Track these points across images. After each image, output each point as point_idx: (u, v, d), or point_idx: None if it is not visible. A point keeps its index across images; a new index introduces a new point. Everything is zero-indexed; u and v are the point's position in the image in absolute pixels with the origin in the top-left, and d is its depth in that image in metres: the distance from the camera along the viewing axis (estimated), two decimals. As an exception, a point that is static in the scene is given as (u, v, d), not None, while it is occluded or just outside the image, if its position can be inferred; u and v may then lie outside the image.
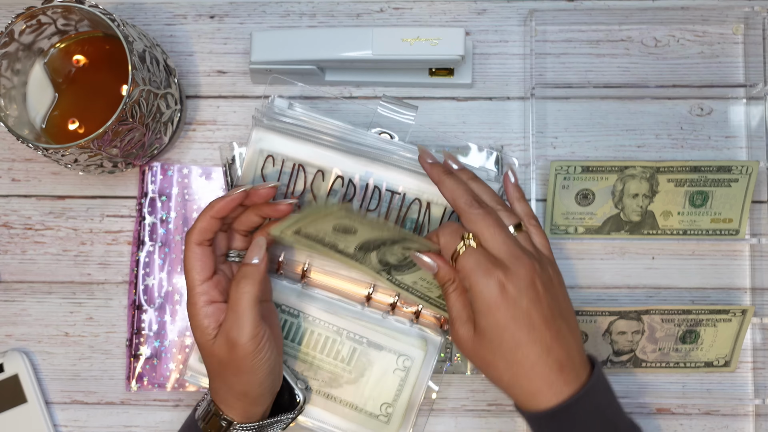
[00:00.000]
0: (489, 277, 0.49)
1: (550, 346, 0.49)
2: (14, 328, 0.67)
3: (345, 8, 0.68)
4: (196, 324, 0.53)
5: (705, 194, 0.65)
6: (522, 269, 0.50)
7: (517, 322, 0.49)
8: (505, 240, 0.51)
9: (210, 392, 0.56)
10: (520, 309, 0.49)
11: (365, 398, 0.62)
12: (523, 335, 0.49)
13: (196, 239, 0.53)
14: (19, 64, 0.60)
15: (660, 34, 0.68)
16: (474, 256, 0.50)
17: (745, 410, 0.66)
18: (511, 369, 0.50)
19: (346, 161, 0.61)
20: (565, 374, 0.49)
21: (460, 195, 0.53)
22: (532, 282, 0.50)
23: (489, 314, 0.49)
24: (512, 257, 0.50)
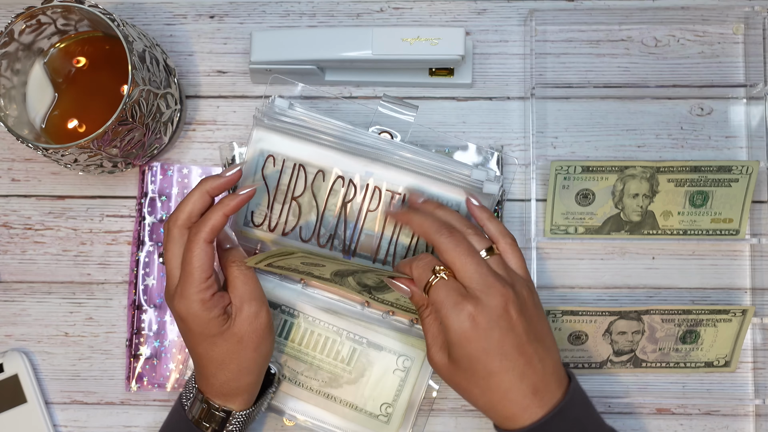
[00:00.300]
0: (459, 311, 0.49)
1: (523, 372, 0.50)
2: (14, 328, 0.67)
3: (345, 8, 0.68)
4: (206, 318, 0.52)
5: (705, 194, 0.64)
6: (493, 300, 0.49)
7: (488, 354, 0.49)
8: (477, 269, 0.51)
9: (205, 390, 0.56)
10: (492, 340, 0.49)
11: (365, 398, 0.62)
12: (495, 365, 0.49)
13: (209, 238, 0.52)
14: (18, 64, 0.60)
15: (660, 34, 0.68)
16: (444, 288, 0.50)
17: (745, 410, 0.66)
18: (485, 395, 0.51)
19: (346, 161, 0.61)
20: (539, 397, 0.50)
21: (428, 226, 0.53)
22: (504, 311, 0.50)
23: (460, 346, 0.50)
24: (484, 287, 0.50)
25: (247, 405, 0.56)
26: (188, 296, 0.52)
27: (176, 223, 0.53)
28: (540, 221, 0.65)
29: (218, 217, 0.52)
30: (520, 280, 0.53)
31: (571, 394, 0.51)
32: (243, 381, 0.55)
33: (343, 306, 0.62)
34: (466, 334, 0.49)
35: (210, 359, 0.54)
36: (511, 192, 0.66)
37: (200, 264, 0.51)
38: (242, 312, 0.53)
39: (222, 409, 0.55)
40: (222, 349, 0.53)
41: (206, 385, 0.55)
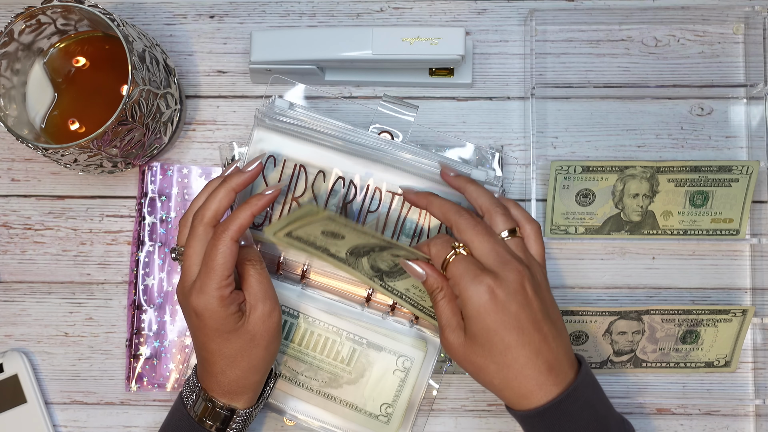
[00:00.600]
0: (478, 283, 0.50)
1: (539, 348, 0.51)
2: (14, 328, 0.67)
3: (345, 8, 0.68)
4: (223, 315, 0.53)
5: (705, 194, 0.64)
6: (511, 274, 0.51)
7: (506, 326, 0.50)
8: (494, 246, 0.52)
9: (210, 388, 0.56)
10: (509, 313, 0.50)
11: (365, 398, 0.62)
12: (512, 338, 0.50)
13: (236, 237, 0.53)
14: (18, 64, 0.60)
15: (660, 34, 0.68)
16: (464, 263, 0.52)
17: (745, 410, 0.66)
18: (502, 372, 0.51)
19: (346, 162, 0.61)
20: (554, 375, 0.51)
21: (448, 208, 0.55)
22: (521, 286, 0.51)
23: (479, 319, 0.50)
24: (501, 263, 0.51)
25: (251, 403, 0.57)
26: (208, 292, 0.52)
27: (202, 221, 0.54)
28: (540, 221, 0.65)
29: (246, 216, 0.53)
30: (536, 265, 0.54)
31: (582, 376, 0.52)
32: (251, 379, 0.56)
33: (342, 307, 0.62)
34: (486, 306, 0.50)
35: (222, 355, 0.54)
36: (511, 192, 0.66)
37: (224, 261, 0.52)
38: (256, 310, 0.54)
39: (227, 407, 0.55)
40: (235, 346, 0.54)
41: (213, 383, 0.55)
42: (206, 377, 0.56)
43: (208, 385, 0.56)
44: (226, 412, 0.55)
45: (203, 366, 0.56)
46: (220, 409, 0.55)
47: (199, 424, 0.56)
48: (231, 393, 0.55)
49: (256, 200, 0.54)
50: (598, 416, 0.52)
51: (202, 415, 0.56)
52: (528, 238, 0.55)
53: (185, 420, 0.56)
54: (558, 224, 0.65)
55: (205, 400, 0.56)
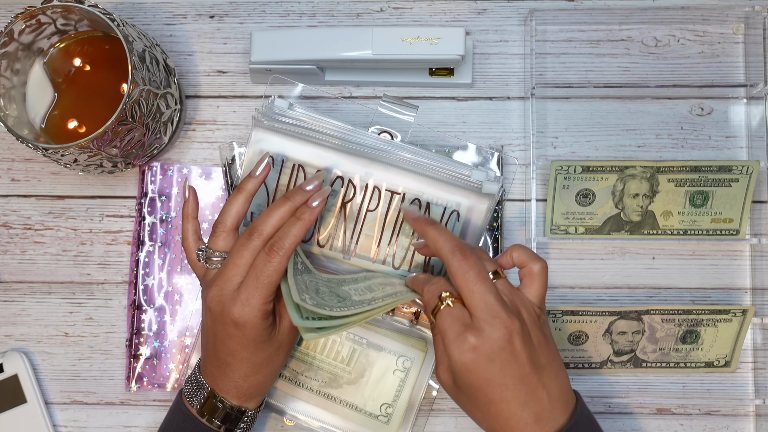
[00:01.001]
0: (462, 342, 0.49)
1: (525, 402, 0.49)
2: (14, 328, 0.67)
3: (345, 8, 0.68)
4: (263, 327, 0.53)
5: (705, 194, 0.64)
6: (497, 332, 0.49)
7: (489, 384, 0.49)
8: (484, 297, 0.50)
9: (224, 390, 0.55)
10: (493, 372, 0.49)
11: (365, 399, 0.62)
12: (496, 395, 0.49)
13: (291, 254, 0.53)
14: (18, 64, 0.60)
15: (660, 34, 0.68)
16: (449, 317, 0.50)
17: (745, 410, 0.66)
18: (487, 421, 0.51)
19: (346, 162, 0.61)
20: (542, 424, 0.50)
21: (442, 244, 0.52)
22: (507, 342, 0.49)
23: (462, 376, 0.50)
24: (489, 317, 0.49)
25: (259, 404, 0.57)
26: (254, 305, 0.52)
27: (225, 227, 0.54)
28: (540, 221, 0.65)
29: (301, 232, 0.53)
30: (529, 306, 0.52)
31: (576, 417, 0.51)
32: (269, 383, 0.56)
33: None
34: (468, 365, 0.49)
35: (251, 363, 0.54)
36: (511, 192, 0.66)
37: (277, 278, 0.52)
38: (285, 320, 0.55)
39: (237, 408, 0.55)
40: (265, 355, 0.54)
41: (230, 386, 0.55)
42: (223, 380, 0.55)
43: (222, 386, 0.55)
44: (236, 413, 0.55)
45: (223, 370, 0.55)
46: (231, 410, 0.55)
47: (206, 425, 0.55)
48: (245, 395, 0.55)
49: (307, 214, 0.53)
50: None
51: (211, 416, 0.55)
52: (530, 276, 0.53)
53: (189, 421, 0.56)
54: (558, 224, 0.65)
55: (215, 400, 0.55)
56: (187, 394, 0.57)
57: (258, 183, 0.56)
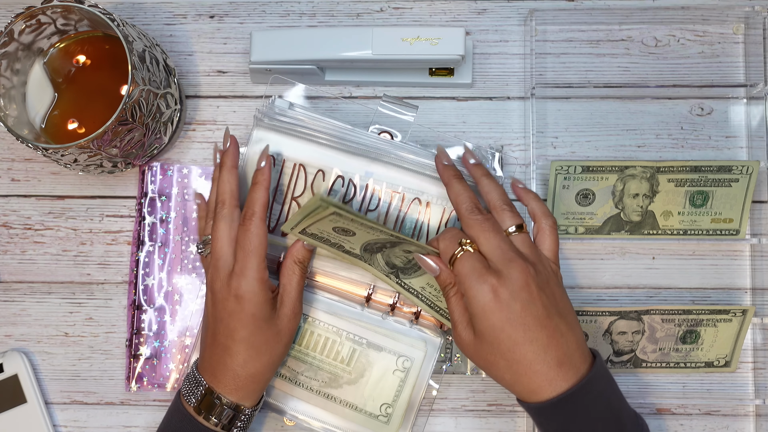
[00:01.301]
0: (482, 282, 0.51)
1: (547, 344, 0.51)
2: (14, 328, 0.67)
3: (345, 8, 0.68)
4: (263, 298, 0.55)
5: (705, 194, 0.64)
6: (515, 272, 0.51)
7: (512, 324, 0.51)
8: (500, 244, 0.53)
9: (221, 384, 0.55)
10: (513, 311, 0.51)
11: (365, 399, 0.62)
12: (518, 336, 0.51)
13: (264, 215, 0.56)
14: (18, 64, 0.60)
15: (660, 34, 0.68)
16: (469, 261, 0.52)
17: (745, 410, 0.66)
18: (511, 368, 0.52)
19: (346, 161, 0.61)
20: (564, 370, 0.51)
21: (463, 200, 0.55)
22: (525, 284, 0.51)
23: (484, 318, 0.51)
24: (506, 261, 0.52)
25: (255, 402, 0.57)
26: (249, 275, 0.54)
27: (225, 205, 0.57)
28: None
29: (263, 193, 0.56)
30: (545, 260, 0.54)
31: (597, 369, 0.52)
32: (266, 375, 0.57)
33: (343, 307, 0.62)
34: (489, 305, 0.51)
35: (249, 344, 0.55)
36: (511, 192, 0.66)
37: (259, 242, 0.55)
38: (285, 306, 0.56)
39: (233, 405, 0.55)
40: (264, 336, 0.55)
41: (228, 377, 0.55)
42: (221, 371, 0.55)
43: (221, 379, 0.55)
44: (233, 410, 0.55)
45: (221, 359, 0.55)
46: (227, 407, 0.55)
47: (203, 424, 0.55)
48: (243, 389, 0.55)
49: (260, 175, 0.57)
50: (612, 408, 0.52)
51: (208, 414, 0.55)
52: (542, 233, 0.56)
53: (187, 421, 0.56)
54: (558, 224, 0.65)
55: (213, 397, 0.55)
56: (185, 392, 0.57)
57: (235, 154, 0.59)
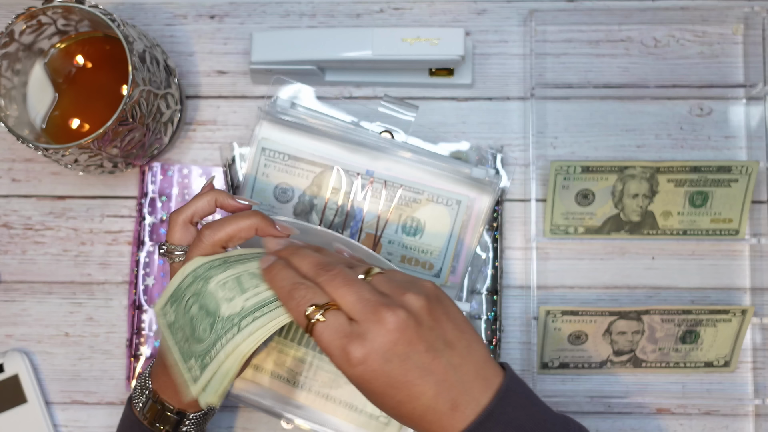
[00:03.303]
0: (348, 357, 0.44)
1: (437, 392, 0.44)
2: (14, 328, 0.67)
3: (345, 8, 0.68)
4: None
5: (705, 194, 0.65)
6: (382, 329, 0.44)
7: (393, 387, 0.44)
8: (358, 296, 0.45)
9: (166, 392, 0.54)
10: (392, 373, 0.44)
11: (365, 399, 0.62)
12: (402, 396, 0.44)
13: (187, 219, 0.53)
14: (19, 65, 0.60)
15: (660, 34, 0.68)
16: (325, 332, 0.45)
17: (745, 410, 0.66)
18: (404, 420, 0.46)
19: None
20: (461, 409, 0.44)
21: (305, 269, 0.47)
22: (398, 336, 0.44)
23: (362, 388, 0.46)
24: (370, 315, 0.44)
25: (199, 409, 0.55)
26: None
27: (179, 219, 0.53)
28: (540, 221, 0.66)
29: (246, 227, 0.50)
30: (413, 288, 0.46)
31: (501, 394, 0.45)
32: None
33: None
34: (363, 377, 0.44)
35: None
36: (511, 192, 0.67)
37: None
38: None
39: (176, 411, 0.54)
40: None
41: (171, 385, 0.53)
42: (164, 379, 0.53)
43: (164, 386, 0.53)
44: (177, 416, 0.54)
45: (165, 370, 0.53)
46: (171, 413, 0.54)
47: (149, 428, 0.54)
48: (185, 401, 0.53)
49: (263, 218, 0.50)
50: (535, 421, 0.45)
51: (152, 419, 0.54)
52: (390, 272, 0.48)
53: (136, 426, 0.54)
54: (558, 224, 0.65)
55: (155, 402, 0.54)
56: (134, 396, 0.55)
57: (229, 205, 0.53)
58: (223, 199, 0.54)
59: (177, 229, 0.53)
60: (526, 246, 0.66)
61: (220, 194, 0.54)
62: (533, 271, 0.64)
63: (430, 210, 0.62)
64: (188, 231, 0.53)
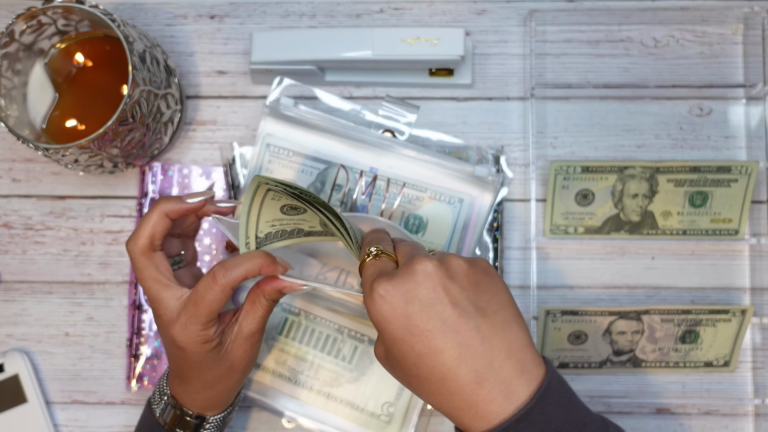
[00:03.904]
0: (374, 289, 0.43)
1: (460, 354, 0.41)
2: (15, 328, 0.67)
3: (345, 9, 0.68)
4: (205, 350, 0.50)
5: (704, 194, 0.65)
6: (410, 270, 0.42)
7: (412, 333, 0.42)
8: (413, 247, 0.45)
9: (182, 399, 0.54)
10: (412, 316, 0.42)
11: (366, 398, 0.62)
12: (422, 346, 0.41)
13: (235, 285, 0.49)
14: (19, 65, 0.60)
15: (659, 35, 0.68)
16: (370, 269, 0.45)
17: (744, 410, 0.66)
18: (424, 388, 0.43)
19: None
20: (486, 386, 0.41)
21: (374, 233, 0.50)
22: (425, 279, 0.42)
23: (382, 330, 0.43)
24: (408, 259, 0.44)
25: (222, 411, 0.56)
26: (192, 331, 0.49)
27: (137, 250, 0.50)
28: (540, 221, 0.66)
29: (254, 268, 0.48)
30: (459, 257, 0.45)
31: (542, 392, 0.41)
32: (225, 397, 0.54)
33: (344, 304, 0.62)
34: (383, 314, 0.42)
35: (198, 380, 0.52)
36: (511, 192, 0.67)
37: (218, 307, 0.49)
38: (239, 339, 0.51)
39: (196, 416, 0.54)
40: (214, 374, 0.52)
41: (186, 398, 0.54)
42: (180, 391, 0.54)
43: (181, 397, 0.54)
44: (196, 421, 0.54)
45: (179, 381, 0.54)
46: (190, 418, 0.54)
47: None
48: (203, 407, 0.54)
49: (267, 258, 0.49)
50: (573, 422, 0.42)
51: (172, 424, 0.54)
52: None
53: (156, 429, 0.55)
54: (557, 224, 0.65)
55: (174, 408, 0.54)
56: (153, 400, 0.56)
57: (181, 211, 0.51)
58: (173, 206, 0.51)
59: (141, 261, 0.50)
60: (525, 246, 0.66)
61: (167, 203, 0.51)
62: (533, 271, 0.64)
63: (432, 208, 0.62)
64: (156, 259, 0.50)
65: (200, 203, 0.52)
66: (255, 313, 0.51)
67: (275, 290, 0.51)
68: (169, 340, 0.51)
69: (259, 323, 0.52)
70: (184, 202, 0.51)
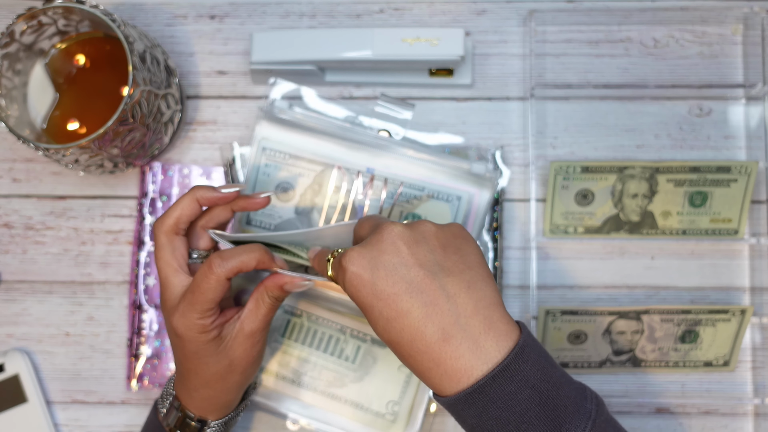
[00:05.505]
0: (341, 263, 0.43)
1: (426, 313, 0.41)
2: (15, 327, 0.67)
3: (345, 9, 0.68)
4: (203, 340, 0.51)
5: (704, 194, 0.65)
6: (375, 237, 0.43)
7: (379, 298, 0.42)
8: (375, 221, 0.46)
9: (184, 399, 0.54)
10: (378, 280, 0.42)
11: (370, 397, 0.62)
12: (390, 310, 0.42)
13: (230, 275, 0.49)
14: (20, 65, 0.60)
15: (659, 35, 0.68)
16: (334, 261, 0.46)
17: (744, 410, 0.66)
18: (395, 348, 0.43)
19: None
20: (452, 343, 0.41)
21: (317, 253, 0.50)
22: (389, 245, 0.43)
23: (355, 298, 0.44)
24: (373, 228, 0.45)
25: (223, 416, 0.56)
26: (190, 319, 0.50)
27: (162, 229, 0.52)
28: (539, 221, 0.66)
29: (250, 260, 0.49)
30: (429, 222, 0.45)
31: (518, 350, 0.41)
32: (223, 399, 0.54)
33: (345, 304, 0.62)
34: (352, 282, 0.43)
35: (197, 375, 0.53)
36: (510, 192, 0.67)
37: (213, 297, 0.49)
38: (240, 337, 0.52)
39: (198, 419, 0.54)
40: (212, 370, 0.52)
41: (187, 396, 0.54)
42: (181, 389, 0.55)
43: (183, 396, 0.55)
44: (198, 424, 0.54)
45: (179, 378, 0.55)
46: (191, 420, 0.54)
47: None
48: (201, 409, 0.54)
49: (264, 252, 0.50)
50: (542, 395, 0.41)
51: (176, 426, 0.55)
52: None
53: (159, 430, 0.55)
54: (557, 224, 0.65)
55: (177, 410, 0.55)
56: (159, 402, 0.56)
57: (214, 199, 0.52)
58: (205, 193, 0.52)
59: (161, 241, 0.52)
60: (525, 246, 0.66)
61: (200, 190, 0.52)
62: (533, 271, 0.64)
63: (430, 206, 0.62)
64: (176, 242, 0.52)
65: (233, 194, 0.53)
66: (258, 311, 0.52)
67: (277, 286, 0.51)
68: (170, 328, 0.52)
69: (261, 322, 0.52)
70: (218, 191, 0.53)
